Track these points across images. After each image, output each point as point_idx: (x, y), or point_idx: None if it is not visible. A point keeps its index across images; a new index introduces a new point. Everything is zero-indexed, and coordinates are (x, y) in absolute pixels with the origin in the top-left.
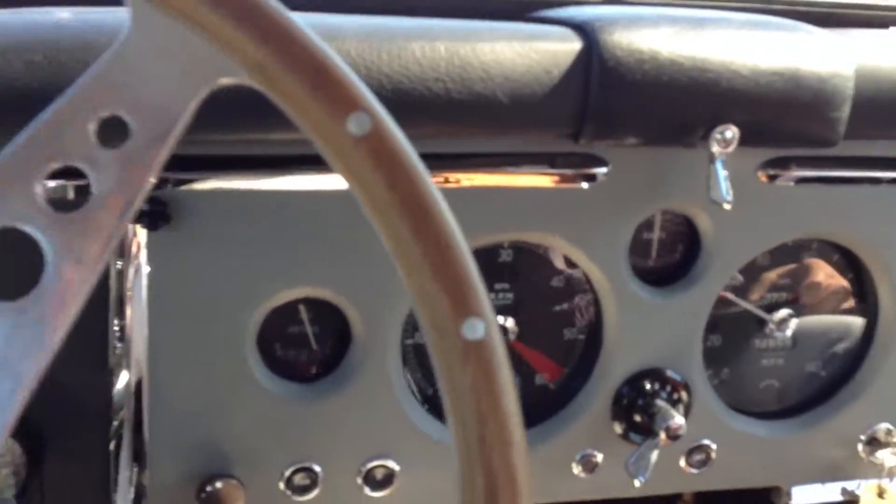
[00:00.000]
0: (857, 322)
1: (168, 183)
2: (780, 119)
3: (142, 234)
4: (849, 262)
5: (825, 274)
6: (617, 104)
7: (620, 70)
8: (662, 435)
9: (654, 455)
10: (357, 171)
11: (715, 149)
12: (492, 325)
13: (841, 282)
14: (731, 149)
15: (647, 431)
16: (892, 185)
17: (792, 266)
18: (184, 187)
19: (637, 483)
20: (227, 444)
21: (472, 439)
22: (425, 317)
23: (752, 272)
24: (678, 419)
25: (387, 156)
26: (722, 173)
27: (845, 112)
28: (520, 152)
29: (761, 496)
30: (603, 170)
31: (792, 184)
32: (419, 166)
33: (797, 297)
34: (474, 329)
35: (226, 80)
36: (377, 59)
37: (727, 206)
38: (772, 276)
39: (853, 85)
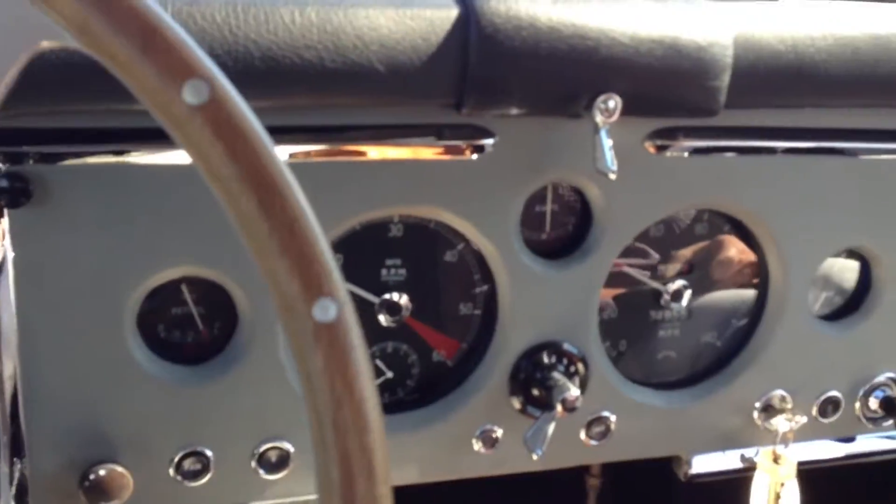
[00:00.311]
0: (750, 292)
1: (28, 157)
2: (662, 88)
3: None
4: (740, 233)
5: (718, 245)
6: (497, 72)
7: (498, 37)
8: (559, 408)
9: (551, 428)
10: (195, 142)
11: (598, 118)
12: (344, 305)
13: (733, 253)
14: (614, 118)
15: (544, 405)
16: (778, 154)
17: (685, 238)
18: (47, 163)
19: (535, 457)
20: (111, 431)
21: (326, 423)
22: (275, 297)
23: (646, 244)
24: (574, 391)
25: (227, 126)
26: (607, 143)
27: (725, 81)
28: (405, 124)
29: (664, 466)
30: (490, 141)
31: (680, 154)
32: (263, 138)
33: (691, 268)
34: (326, 310)
35: (49, 44)
36: (243, 24)
37: (612, 177)
38: (666, 247)
39: (732, 54)
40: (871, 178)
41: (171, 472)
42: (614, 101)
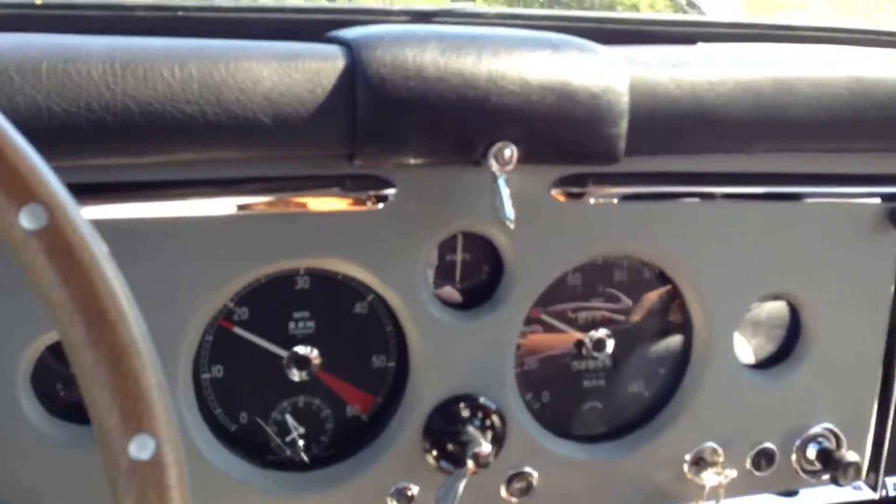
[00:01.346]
0: (676, 340)
1: None
2: (557, 135)
3: None
4: (663, 280)
5: (640, 292)
6: (386, 123)
7: (386, 88)
8: (470, 463)
9: (462, 485)
10: (29, 265)
11: (495, 167)
12: (165, 443)
13: (656, 300)
14: (510, 166)
15: (458, 460)
16: (694, 200)
17: (605, 285)
18: None
19: None
20: (6, 493)
21: None
22: (94, 428)
23: (563, 292)
24: (485, 446)
25: (61, 253)
26: (505, 191)
27: (622, 127)
28: (304, 175)
29: None
30: (391, 191)
31: (591, 202)
32: (102, 266)
33: (612, 316)
34: (143, 447)
35: None
36: (121, 79)
37: (510, 225)
38: (586, 295)
39: (628, 100)
40: (792, 224)
41: None
42: (510, 150)
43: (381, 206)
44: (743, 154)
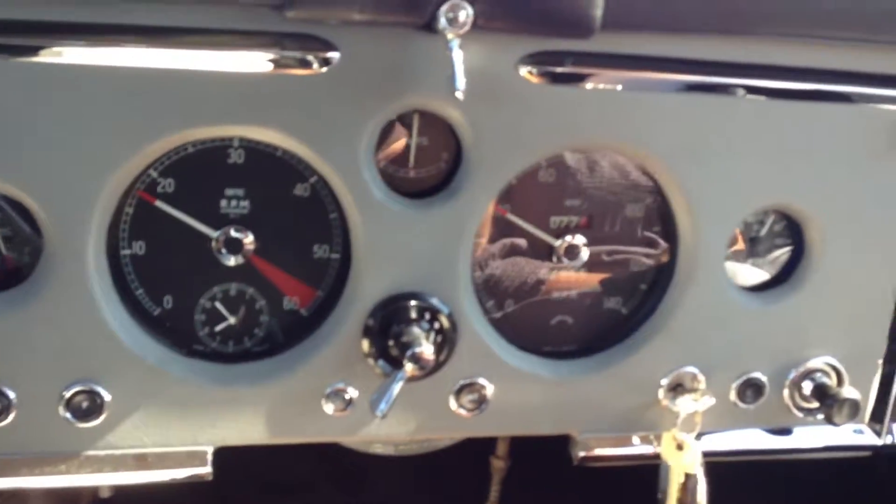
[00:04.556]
0: (660, 252)
1: None
2: None
3: None
4: (648, 185)
5: (621, 197)
6: None
7: None
8: (409, 366)
9: (397, 388)
10: None
11: (448, 29)
12: None
13: (638, 206)
14: (465, 30)
15: (399, 363)
16: (682, 90)
17: (583, 185)
18: None
19: (378, 415)
20: None
21: None
22: None
23: (534, 190)
24: (426, 347)
25: None
26: (458, 59)
27: None
28: (237, 29)
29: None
30: (334, 55)
31: (566, 85)
32: None
33: (591, 221)
34: None
35: None
36: None
37: (460, 96)
38: (559, 195)
39: None
40: (797, 127)
41: None
42: (465, 11)
43: (323, 70)
44: (745, 37)
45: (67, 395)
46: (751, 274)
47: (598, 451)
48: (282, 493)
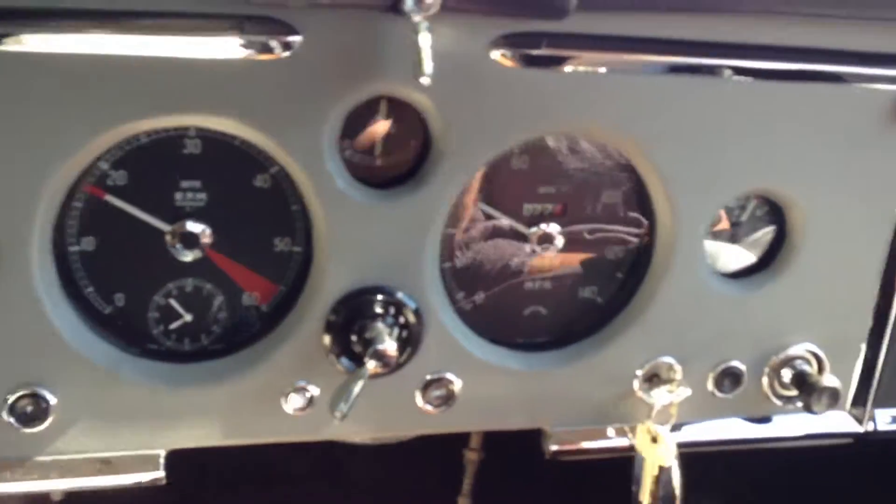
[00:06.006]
0: (637, 240)
1: None
2: None
3: None
4: (626, 171)
5: (597, 183)
6: None
7: None
8: (371, 363)
9: (358, 387)
10: None
11: (414, 11)
12: None
13: (615, 192)
14: (433, 11)
15: (362, 360)
16: (659, 73)
17: (556, 172)
18: None
19: (337, 415)
20: None
21: None
22: None
23: (506, 177)
24: (389, 343)
25: None
26: (425, 43)
27: None
28: (193, 12)
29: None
30: (296, 38)
31: (538, 68)
32: None
33: (563, 209)
34: None
35: None
36: None
37: (425, 82)
38: (532, 182)
39: None
40: (780, 109)
41: None
42: None
43: (284, 55)
44: (728, 15)
45: (11, 399)
46: (733, 255)
47: (571, 445)
48: (256, 485)
